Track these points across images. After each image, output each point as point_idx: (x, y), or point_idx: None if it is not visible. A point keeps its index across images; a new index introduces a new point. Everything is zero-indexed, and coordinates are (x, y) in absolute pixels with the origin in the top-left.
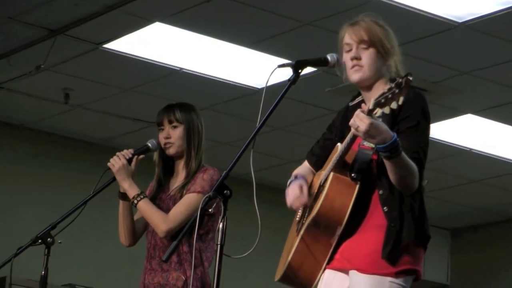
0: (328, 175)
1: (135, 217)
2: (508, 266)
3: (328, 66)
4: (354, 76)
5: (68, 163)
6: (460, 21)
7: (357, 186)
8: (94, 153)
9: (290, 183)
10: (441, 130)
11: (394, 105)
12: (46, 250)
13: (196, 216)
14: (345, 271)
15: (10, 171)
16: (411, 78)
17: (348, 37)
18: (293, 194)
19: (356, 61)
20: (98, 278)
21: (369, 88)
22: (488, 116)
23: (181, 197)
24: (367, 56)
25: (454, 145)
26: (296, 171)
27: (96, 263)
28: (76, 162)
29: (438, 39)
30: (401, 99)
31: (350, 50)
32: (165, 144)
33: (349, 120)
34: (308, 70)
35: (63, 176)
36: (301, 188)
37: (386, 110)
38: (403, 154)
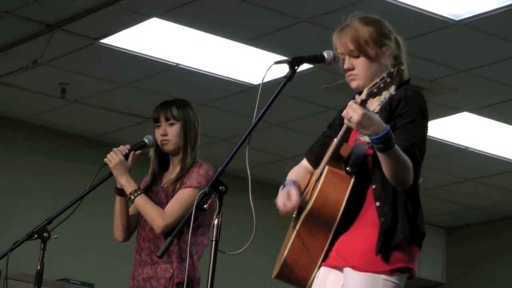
0: (323, 169)
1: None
2: (503, 264)
3: (324, 63)
4: (352, 84)
5: (64, 158)
6: (457, 19)
7: (352, 180)
8: (90, 148)
9: (280, 190)
10: (437, 128)
11: (386, 94)
12: (42, 245)
13: (191, 212)
14: (340, 269)
15: (5, 166)
16: (402, 67)
17: (337, 47)
18: (282, 202)
19: (350, 72)
20: (93, 273)
21: None
22: (485, 115)
23: (173, 190)
24: (358, 65)
25: (450, 143)
26: (290, 174)
27: (91, 258)
28: (72, 157)
29: (435, 37)
30: (392, 88)
31: (344, 59)
32: (162, 141)
33: None
34: (304, 66)
35: (59, 171)
36: (288, 194)
37: (378, 99)
38: (397, 147)
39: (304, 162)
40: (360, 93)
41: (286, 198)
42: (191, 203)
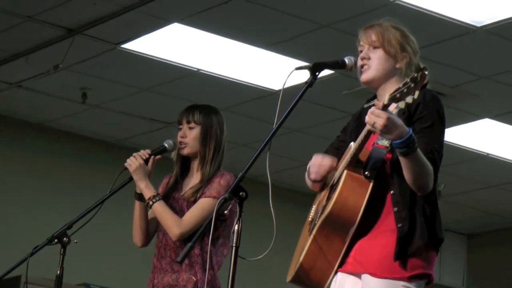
0: (342, 173)
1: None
2: None
3: (345, 68)
4: (362, 76)
5: (84, 163)
6: (478, 25)
7: (371, 185)
8: (110, 153)
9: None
10: (459, 135)
11: (409, 99)
12: (62, 250)
13: (211, 220)
14: (358, 275)
15: (25, 170)
16: (426, 72)
17: (361, 39)
18: (317, 162)
19: (365, 61)
20: (112, 278)
21: (382, 90)
22: (506, 121)
23: (194, 200)
24: (375, 56)
25: (472, 150)
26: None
27: (111, 263)
28: (93, 162)
29: (456, 43)
30: (416, 93)
31: (362, 51)
32: (180, 143)
33: (363, 122)
34: (325, 72)
35: (80, 175)
36: (322, 157)
37: (402, 104)
38: (419, 151)
39: None
40: (374, 96)
41: (321, 159)
42: (209, 213)
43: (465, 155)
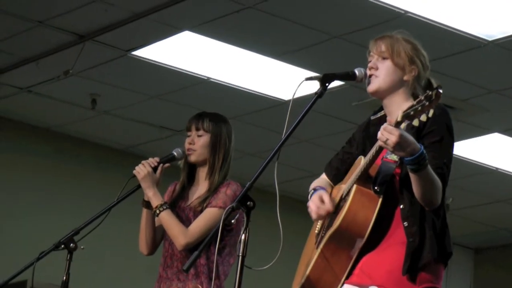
0: (351, 187)
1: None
2: None
3: (355, 80)
4: (369, 87)
5: (93, 169)
6: (489, 39)
7: (380, 199)
8: (119, 160)
9: (310, 196)
10: (468, 149)
11: (423, 117)
12: (69, 255)
13: (217, 229)
14: (365, 287)
15: (34, 175)
16: (441, 91)
17: (371, 50)
18: (315, 205)
19: (373, 71)
20: (118, 285)
21: (388, 101)
22: None
23: (201, 210)
24: (382, 67)
25: (480, 164)
26: (314, 184)
27: (117, 270)
28: (101, 168)
29: (467, 57)
30: (431, 112)
31: (371, 62)
32: (187, 149)
33: (370, 134)
34: (335, 83)
35: (88, 181)
36: (321, 198)
37: (415, 122)
38: (429, 167)
39: (323, 176)
40: (381, 108)
41: (319, 202)
42: (215, 223)
43: (473, 169)
